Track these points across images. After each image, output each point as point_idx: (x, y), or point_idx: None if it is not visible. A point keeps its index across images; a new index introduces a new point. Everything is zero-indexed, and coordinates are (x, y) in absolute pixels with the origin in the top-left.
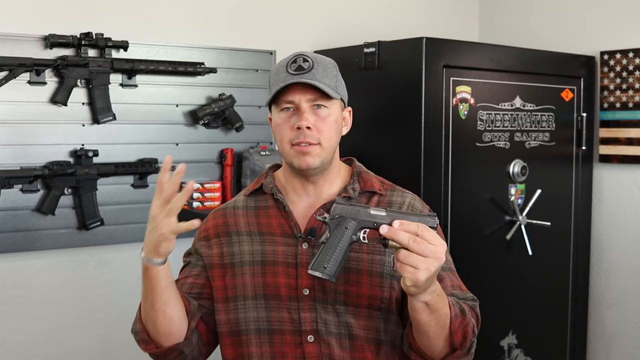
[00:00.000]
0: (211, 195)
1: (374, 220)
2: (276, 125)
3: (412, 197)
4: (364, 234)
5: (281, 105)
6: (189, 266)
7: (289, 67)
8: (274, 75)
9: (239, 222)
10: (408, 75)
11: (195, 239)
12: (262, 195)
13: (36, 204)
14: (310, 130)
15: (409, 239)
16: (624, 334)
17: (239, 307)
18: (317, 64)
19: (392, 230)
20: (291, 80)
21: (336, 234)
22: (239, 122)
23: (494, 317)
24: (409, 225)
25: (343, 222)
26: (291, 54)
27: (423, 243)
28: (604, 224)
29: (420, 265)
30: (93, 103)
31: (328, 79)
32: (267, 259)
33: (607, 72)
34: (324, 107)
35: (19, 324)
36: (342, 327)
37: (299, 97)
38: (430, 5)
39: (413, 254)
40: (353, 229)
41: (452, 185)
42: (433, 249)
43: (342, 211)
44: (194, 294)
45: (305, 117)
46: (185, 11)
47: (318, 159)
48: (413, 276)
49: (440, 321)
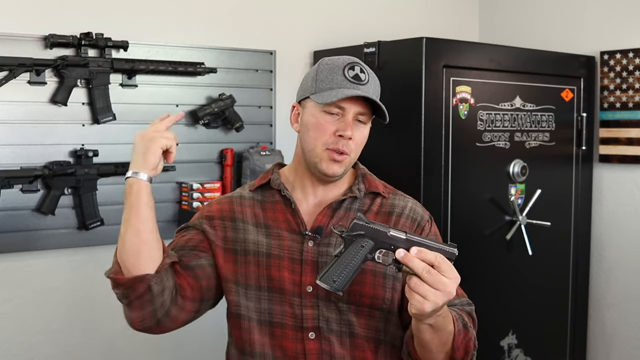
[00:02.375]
0: (211, 195)
1: (391, 243)
2: (312, 124)
3: (414, 202)
4: (379, 254)
5: (330, 108)
6: (186, 231)
7: (346, 72)
8: (326, 71)
9: (245, 212)
10: (408, 75)
11: (195, 217)
12: (268, 191)
13: (36, 204)
14: (351, 141)
15: (423, 269)
16: (624, 334)
17: (240, 293)
18: (372, 78)
19: (408, 256)
20: (354, 92)
21: (351, 251)
22: (239, 122)
23: (494, 317)
24: (426, 254)
25: (360, 240)
26: (344, 57)
27: (437, 275)
28: (604, 224)
29: (429, 296)
30: (93, 103)
31: (376, 96)
32: (273, 252)
33: (607, 72)
34: (366, 122)
35: (19, 324)
36: (343, 325)
37: (350, 106)
38: (430, 5)
39: (424, 283)
40: (369, 248)
41: (452, 185)
42: (446, 282)
43: (362, 229)
44: (188, 247)
45: (351, 127)
46: (185, 11)
47: (343, 169)
48: (420, 305)
49: (443, 338)
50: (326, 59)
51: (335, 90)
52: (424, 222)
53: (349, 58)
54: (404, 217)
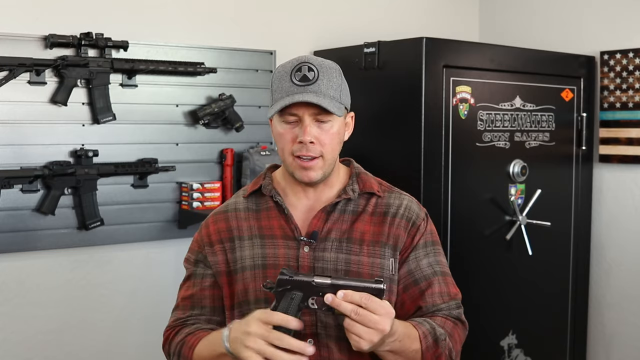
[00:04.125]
0: (211, 195)
1: (318, 290)
2: (278, 135)
3: (409, 200)
4: (313, 300)
5: (284, 117)
6: (197, 277)
7: (293, 75)
8: (276, 80)
9: (241, 226)
10: (408, 75)
11: (197, 244)
12: (262, 197)
13: (36, 204)
14: (313, 144)
15: (352, 311)
16: (624, 334)
17: (243, 313)
18: (322, 73)
19: (336, 301)
20: (297, 99)
21: (283, 304)
22: (239, 122)
23: (494, 317)
24: (352, 295)
25: (288, 293)
26: (295, 59)
27: (366, 315)
28: (604, 224)
29: (363, 335)
30: (93, 103)
31: (333, 89)
32: (268, 262)
33: (607, 72)
34: (328, 120)
35: (19, 324)
36: (341, 330)
37: (302, 111)
38: (430, 5)
39: (357, 324)
40: (299, 298)
41: (452, 185)
42: (376, 320)
43: (287, 283)
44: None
45: (308, 132)
46: (185, 11)
47: (320, 172)
48: (357, 344)
49: (408, 358)
50: (279, 67)
51: (284, 98)
52: (419, 221)
53: (298, 59)
54: (398, 217)
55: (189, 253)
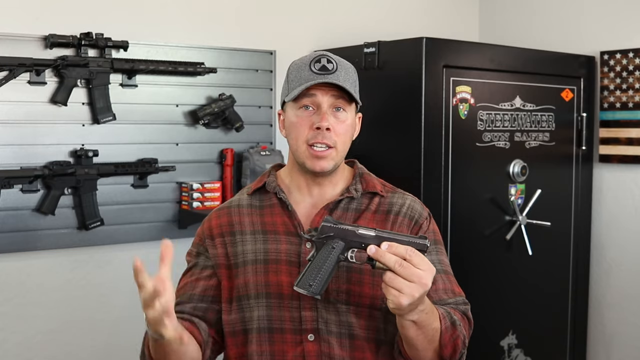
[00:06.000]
0: (211, 195)
1: (361, 241)
2: (292, 123)
3: (412, 199)
4: (352, 254)
5: (302, 102)
6: (197, 268)
7: (312, 65)
8: (294, 71)
9: (243, 222)
10: (408, 75)
11: (199, 237)
12: (265, 194)
13: (36, 204)
14: (329, 132)
15: (395, 263)
16: (624, 334)
17: (243, 307)
18: (341, 66)
19: (379, 252)
20: (319, 80)
21: (323, 253)
22: (239, 122)
23: (494, 317)
24: (397, 248)
25: (330, 241)
26: (313, 53)
27: (410, 268)
28: (604, 224)
29: (404, 289)
30: (93, 103)
31: (349, 83)
32: (270, 257)
33: (607, 72)
34: (344, 110)
35: (19, 324)
36: (342, 326)
37: (321, 97)
38: (430, 5)
39: (399, 277)
40: (340, 248)
41: (452, 185)
42: (420, 274)
43: (330, 231)
44: (208, 297)
45: (327, 118)
46: (185, 11)
47: (332, 162)
48: (396, 299)
49: (428, 336)
50: (295, 60)
51: (303, 85)
52: (422, 220)
53: (316, 53)
54: (401, 215)
55: (191, 247)
